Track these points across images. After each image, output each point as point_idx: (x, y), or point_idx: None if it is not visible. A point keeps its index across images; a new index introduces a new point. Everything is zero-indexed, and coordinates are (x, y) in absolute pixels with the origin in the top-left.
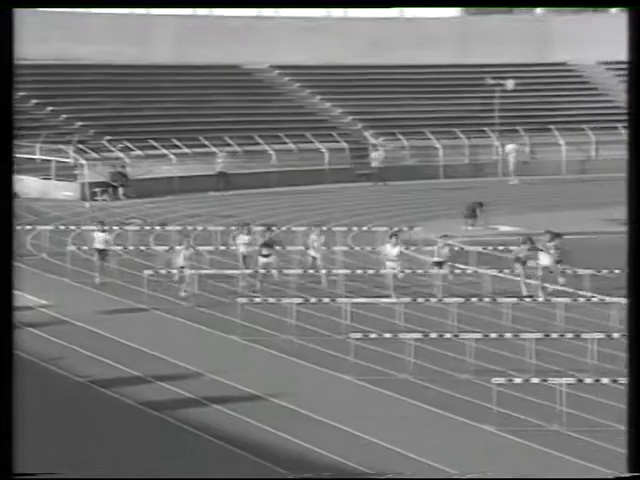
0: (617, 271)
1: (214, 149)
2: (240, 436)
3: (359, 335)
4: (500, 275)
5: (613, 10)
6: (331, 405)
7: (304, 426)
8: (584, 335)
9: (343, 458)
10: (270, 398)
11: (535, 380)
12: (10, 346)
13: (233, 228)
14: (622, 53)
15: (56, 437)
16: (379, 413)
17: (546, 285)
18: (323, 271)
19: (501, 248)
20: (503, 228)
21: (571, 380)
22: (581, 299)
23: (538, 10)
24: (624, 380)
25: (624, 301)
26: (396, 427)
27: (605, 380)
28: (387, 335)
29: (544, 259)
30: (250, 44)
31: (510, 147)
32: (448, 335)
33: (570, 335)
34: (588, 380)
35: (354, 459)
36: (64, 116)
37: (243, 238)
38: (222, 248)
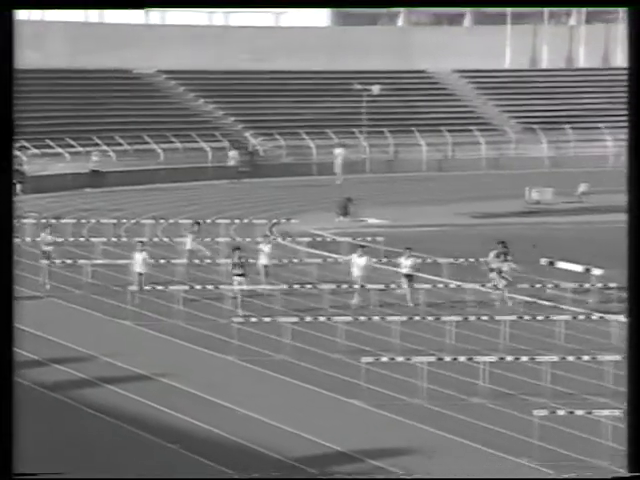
0: (472, 260)
1: (106, 147)
2: (131, 413)
3: (241, 320)
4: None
5: (466, 23)
6: (215, 383)
7: (189, 403)
8: (444, 318)
9: (223, 431)
10: (159, 378)
11: (400, 359)
12: (10, 346)
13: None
14: (475, 62)
15: None
16: (258, 390)
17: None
18: (208, 260)
19: (369, 239)
20: (371, 220)
21: (431, 359)
22: (440, 285)
23: (400, 22)
24: (480, 359)
25: (478, 286)
26: (273, 402)
27: (462, 358)
28: (266, 319)
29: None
30: (139, 50)
31: (338, 151)
32: (322, 318)
33: (431, 318)
34: (447, 359)
35: (232, 432)
36: None
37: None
38: (114, 240)
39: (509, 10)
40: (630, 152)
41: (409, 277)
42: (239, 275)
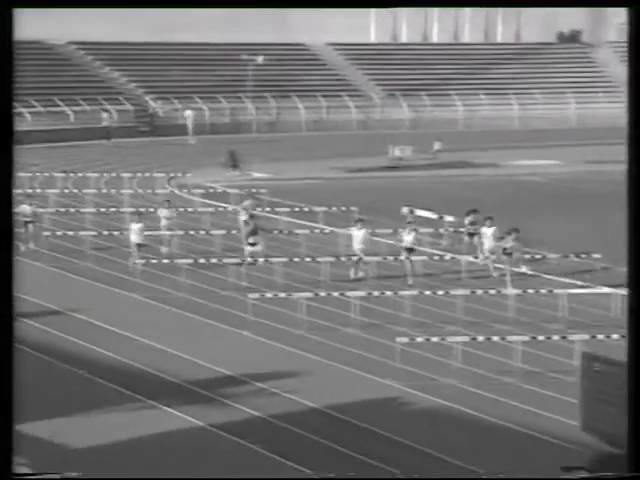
0: (343, 208)
1: (22, 109)
2: (44, 344)
3: (143, 261)
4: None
5: None
6: (119, 317)
7: (100, 336)
8: (319, 258)
9: (126, 358)
10: (70, 313)
11: (282, 295)
12: (10, 346)
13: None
14: (345, 37)
15: None
16: (158, 323)
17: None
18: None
19: (254, 190)
20: (256, 174)
21: (309, 294)
22: (317, 230)
23: None
24: (352, 294)
25: (352, 230)
26: (171, 333)
27: (335, 294)
28: (165, 260)
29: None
30: (52, 24)
31: (188, 112)
32: (214, 260)
33: (309, 259)
34: (322, 294)
35: (134, 359)
36: None
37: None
38: (29, 191)
39: None
40: (630, 152)
41: (410, 250)
42: (252, 245)
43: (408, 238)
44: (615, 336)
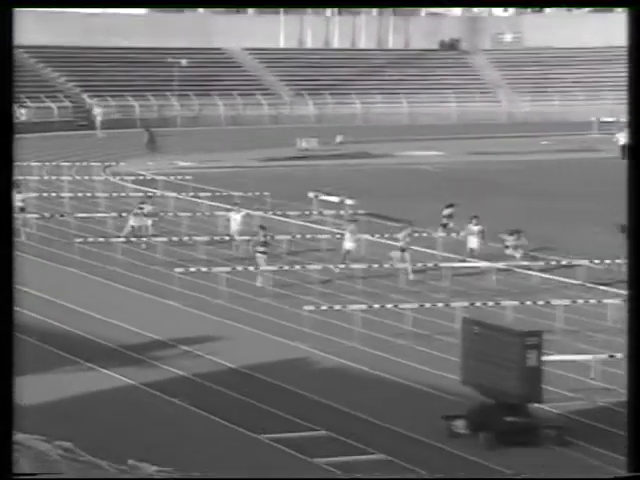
0: (257, 193)
1: None
2: None
3: (81, 239)
4: (180, 197)
5: (250, 12)
6: (60, 290)
7: (46, 307)
8: (237, 237)
9: (66, 325)
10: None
11: (204, 269)
12: (10, 346)
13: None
14: (258, 42)
15: None
16: (93, 293)
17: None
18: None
19: (180, 177)
20: (181, 163)
21: (227, 269)
22: (252, 212)
23: (201, 9)
24: (265, 267)
25: (230, 214)
26: (105, 302)
27: (251, 268)
28: (101, 239)
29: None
30: None
31: (97, 110)
32: (144, 239)
33: (227, 237)
34: (239, 268)
35: (73, 325)
36: None
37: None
38: None
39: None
40: (630, 152)
41: (403, 250)
42: (262, 253)
43: (406, 239)
44: (490, 303)
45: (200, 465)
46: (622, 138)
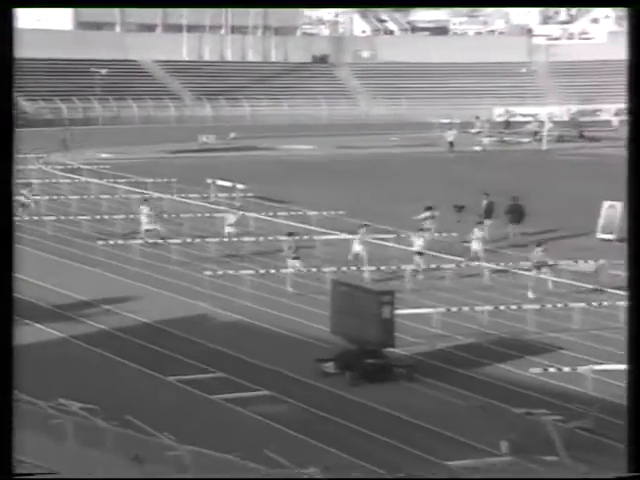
0: (174, 179)
1: None
2: None
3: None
4: (101, 182)
5: (158, 31)
6: None
7: None
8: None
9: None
10: None
11: (121, 242)
12: (10, 346)
13: None
14: (165, 55)
15: None
16: (34, 264)
17: None
18: None
19: (101, 166)
20: (103, 155)
21: (141, 241)
22: (146, 194)
23: (118, 28)
24: (171, 240)
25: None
26: (40, 271)
27: (160, 241)
28: (35, 217)
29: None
30: None
31: (31, 111)
32: (72, 217)
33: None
34: (150, 241)
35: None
36: None
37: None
38: None
39: (184, 22)
40: (630, 152)
41: (420, 254)
42: (296, 258)
43: (418, 242)
44: (353, 268)
45: (119, 402)
46: (449, 136)
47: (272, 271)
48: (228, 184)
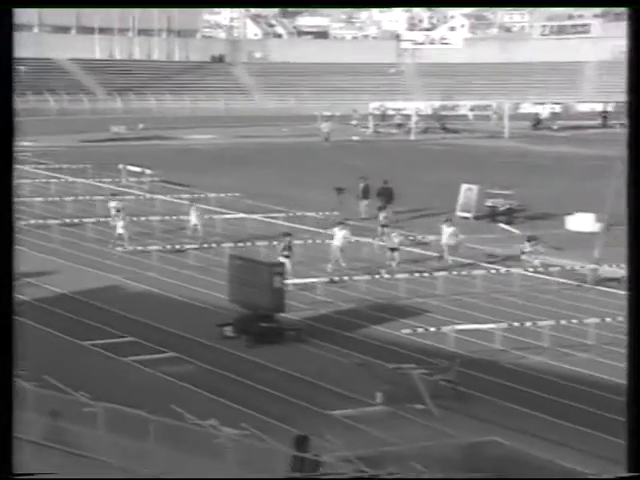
0: (88, 165)
1: None
2: None
3: None
4: (23, 168)
5: (73, 32)
6: None
7: None
8: (79, 198)
9: None
10: None
11: (41, 221)
12: (10, 346)
13: None
14: (81, 54)
15: None
16: None
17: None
18: None
19: (22, 153)
20: (24, 143)
21: (59, 221)
22: (70, 179)
23: (35, 29)
24: (85, 220)
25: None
26: None
27: (76, 220)
28: None
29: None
30: None
31: None
32: None
33: (82, 198)
34: (68, 220)
35: None
36: None
37: None
38: None
39: (96, 24)
40: (630, 152)
41: (394, 250)
42: (286, 257)
43: (395, 240)
44: (248, 243)
45: (38, 365)
46: (325, 127)
47: (177, 246)
48: (137, 169)
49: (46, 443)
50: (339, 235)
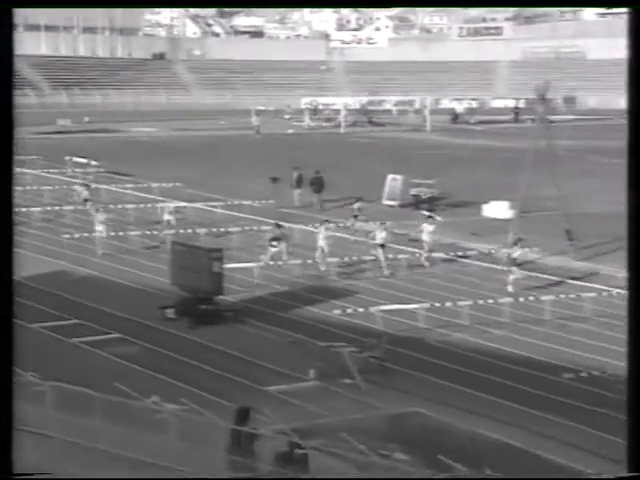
0: (37, 157)
1: None
2: None
3: None
4: None
5: (20, 28)
6: None
7: None
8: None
9: None
10: None
11: None
12: (10, 347)
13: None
14: (27, 50)
15: None
16: None
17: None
18: None
19: None
20: None
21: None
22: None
23: (21, 28)
24: (34, 209)
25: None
26: None
27: (24, 209)
28: None
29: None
30: None
31: None
32: None
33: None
34: (16, 209)
35: None
36: None
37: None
38: None
39: (42, 22)
40: (630, 152)
41: (382, 246)
42: (274, 246)
43: (381, 235)
44: (189, 231)
45: None
46: (255, 121)
47: (120, 233)
48: (83, 161)
49: None
50: (323, 234)
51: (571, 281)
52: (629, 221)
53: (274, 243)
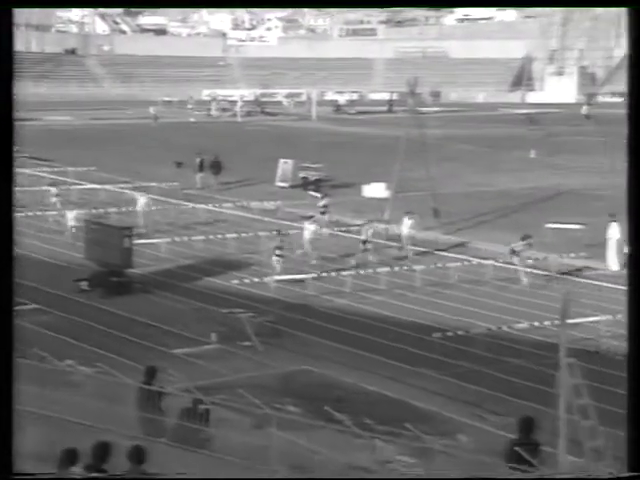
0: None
1: None
2: None
3: None
4: None
5: None
6: None
7: None
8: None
9: None
10: None
11: None
12: (10, 347)
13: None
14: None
15: None
16: None
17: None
18: None
19: None
20: None
21: None
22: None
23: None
24: None
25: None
26: None
27: None
28: None
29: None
30: None
31: None
32: None
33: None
34: None
35: None
36: None
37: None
38: None
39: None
40: (630, 153)
41: (365, 242)
42: (279, 256)
43: (368, 232)
44: (101, 210)
45: None
46: (152, 110)
47: (38, 213)
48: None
49: None
50: (309, 229)
51: (439, 252)
52: (629, 221)
53: (278, 252)
